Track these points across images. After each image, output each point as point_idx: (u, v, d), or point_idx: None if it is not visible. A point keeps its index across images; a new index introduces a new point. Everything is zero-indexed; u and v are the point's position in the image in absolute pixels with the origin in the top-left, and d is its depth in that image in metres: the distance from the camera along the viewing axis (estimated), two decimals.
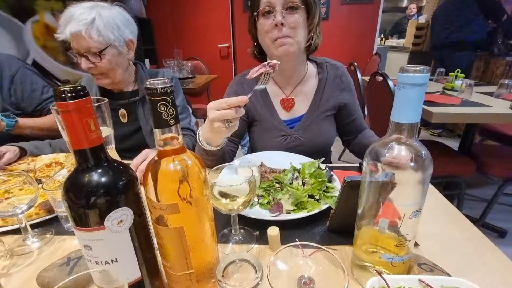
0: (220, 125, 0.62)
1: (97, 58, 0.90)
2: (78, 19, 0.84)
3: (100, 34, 0.87)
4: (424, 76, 0.31)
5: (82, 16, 0.84)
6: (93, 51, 0.89)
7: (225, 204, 0.48)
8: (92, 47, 0.88)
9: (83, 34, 0.85)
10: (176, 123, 0.33)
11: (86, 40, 0.86)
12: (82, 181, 0.32)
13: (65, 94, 0.28)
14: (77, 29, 0.84)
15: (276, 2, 0.76)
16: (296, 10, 0.77)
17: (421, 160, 0.35)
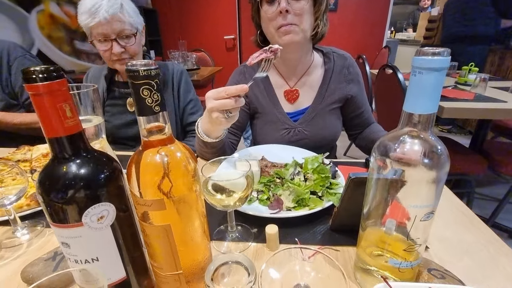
0: (219, 116, 0.58)
1: (130, 40, 0.93)
2: (110, 4, 0.86)
3: (130, 16, 0.92)
4: (444, 59, 0.27)
5: (111, 2, 0.87)
6: (126, 33, 0.91)
7: (220, 200, 0.45)
8: (126, 29, 0.91)
9: (120, 15, 0.88)
10: (162, 110, 0.30)
11: (121, 23, 0.89)
12: (57, 173, 0.29)
13: (36, 75, 0.25)
14: (113, 12, 0.86)
15: None
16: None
17: (437, 157, 0.31)
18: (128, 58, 0.96)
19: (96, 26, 0.87)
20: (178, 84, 1.08)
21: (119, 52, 0.92)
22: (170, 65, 1.09)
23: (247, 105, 0.91)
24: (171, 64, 1.10)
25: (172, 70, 1.08)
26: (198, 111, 1.12)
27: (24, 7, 2.28)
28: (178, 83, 1.08)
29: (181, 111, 1.11)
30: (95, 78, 1.08)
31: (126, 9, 0.91)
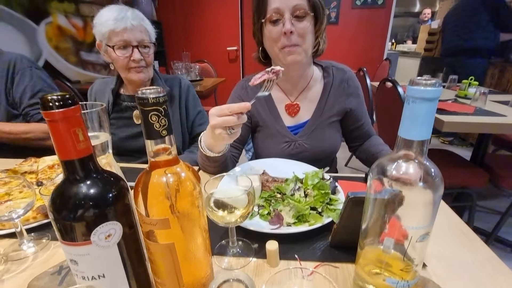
0: (221, 132, 0.60)
1: (148, 50, 1.00)
2: (134, 15, 0.94)
3: (149, 28, 1.00)
4: (436, 90, 0.28)
5: (135, 12, 0.95)
6: (146, 43, 0.98)
7: (222, 217, 0.46)
8: (146, 39, 0.98)
9: (143, 26, 0.96)
10: (169, 134, 0.31)
11: (142, 33, 0.96)
12: (69, 193, 0.30)
13: (52, 103, 0.27)
14: (137, 22, 0.94)
15: (284, 9, 0.74)
16: (304, 17, 0.75)
17: (431, 179, 0.33)
18: (144, 67, 1.01)
19: (121, 33, 0.92)
20: (186, 98, 1.12)
21: (139, 59, 0.97)
22: (177, 79, 1.14)
23: (249, 119, 0.93)
24: (178, 78, 1.15)
25: (179, 84, 1.12)
26: (206, 122, 1.16)
27: (33, 20, 2.35)
28: (186, 97, 1.13)
29: (189, 124, 1.16)
30: (100, 91, 1.12)
31: (147, 22, 1.00)
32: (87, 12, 2.99)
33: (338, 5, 3.54)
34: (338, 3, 3.53)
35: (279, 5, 0.74)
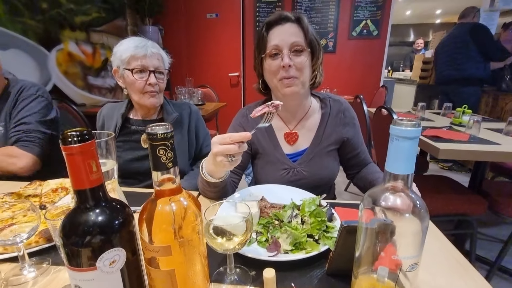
0: (223, 159, 0.63)
1: (163, 77, 1.09)
2: (153, 45, 1.06)
3: (166, 59, 1.11)
4: (416, 130, 0.31)
5: (154, 44, 1.06)
6: (161, 70, 1.07)
7: (221, 244, 0.47)
8: (161, 66, 1.07)
9: (160, 54, 1.07)
10: (174, 166, 0.34)
11: (159, 61, 1.06)
12: (79, 220, 0.33)
13: (71, 138, 0.30)
14: (156, 50, 1.05)
15: (283, 46, 0.80)
16: (302, 52, 0.81)
17: (417, 210, 0.35)
18: (157, 92, 1.09)
19: (140, 58, 1.02)
20: (195, 123, 1.21)
21: (154, 83, 1.05)
22: (186, 105, 1.24)
23: (249, 147, 0.96)
24: (187, 104, 1.25)
25: (189, 110, 1.22)
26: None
27: (46, 47, 2.48)
28: (195, 121, 1.22)
29: (199, 146, 1.24)
30: (108, 115, 1.18)
31: (162, 52, 1.10)
32: (97, 39, 3.15)
33: (335, 35, 3.73)
34: (335, 33, 3.73)
35: (278, 42, 0.81)
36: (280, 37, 0.81)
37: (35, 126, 1.13)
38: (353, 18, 3.65)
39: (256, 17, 3.84)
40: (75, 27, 2.80)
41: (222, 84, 3.99)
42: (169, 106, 1.18)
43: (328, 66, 3.75)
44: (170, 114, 1.15)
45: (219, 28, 3.83)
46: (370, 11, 3.61)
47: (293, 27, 0.82)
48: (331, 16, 3.69)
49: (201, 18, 3.84)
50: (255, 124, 0.96)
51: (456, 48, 2.84)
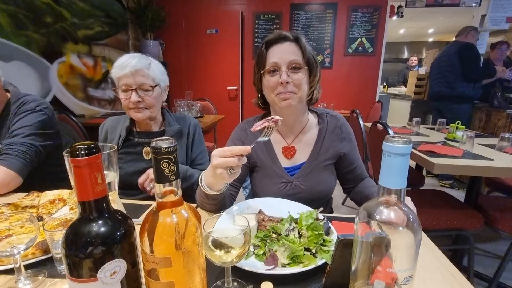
0: (222, 172, 0.65)
1: (148, 93, 1.08)
2: (140, 61, 1.05)
3: (155, 74, 1.09)
4: (406, 147, 0.33)
5: (142, 59, 1.06)
6: (145, 87, 1.07)
7: (219, 256, 0.48)
8: (145, 83, 1.06)
9: (145, 71, 1.05)
10: (176, 179, 0.36)
11: (144, 77, 1.05)
12: (83, 231, 0.33)
13: (79, 152, 0.31)
14: (140, 66, 1.04)
15: (281, 64, 0.84)
16: (299, 70, 0.85)
17: (410, 224, 0.36)
18: (143, 108, 1.09)
19: (122, 77, 1.04)
20: (192, 136, 1.23)
21: (135, 101, 1.06)
22: (188, 118, 1.27)
23: (247, 160, 0.98)
24: (188, 117, 1.28)
25: (189, 123, 1.24)
26: (206, 162, 1.25)
27: (48, 59, 2.52)
28: (193, 134, 1.24)
29: (190, 161, 1.24)
30: (112, 127, 1.21)
31: (153, 68, 1.09)
32: (98, 52, 3.21)
33: (332, 52, 3.84)
34: (331, 50, 3.84)
35: (277, 60, 0.84)
36: (279, 55, 0.84)
37: (19, 138, 1.05)
38: (349, 36, 3.77)
39: (255, 33, 3.96)
40: (77, 41, 2.86)
41: (221, 97, 4.05)
42: (171, 118, 1.21)
43: (325, 81, 3.83)
44: (171, 126, 1.18)
45: (218, 43, 3.93)
46: (365, 29, 3.74)
47: (292, 46, 0.85)
48: (328, 34, 3.81)
49: (201, 33, 3.95)
50: (254, 138, 0.98)
51: (446, 66, 2.93)
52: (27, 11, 2.30)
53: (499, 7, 3.53)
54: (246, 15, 3.93)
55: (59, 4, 2.62)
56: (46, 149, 1.15)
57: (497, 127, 2.82)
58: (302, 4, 3.79)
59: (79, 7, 2.86)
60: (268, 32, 3.93)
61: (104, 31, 3.26)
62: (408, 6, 3.64)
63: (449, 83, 2.90)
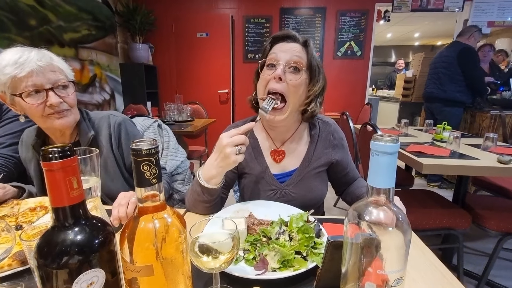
0: (232, 151, 0.69)
1: (68, 90, 0.86)
2: (40, 55, 0.81)
3: (63, 67, 0.87)
4: (394, 145, 0.33)
5: (41, 53, 0.82)
6: (63, 83, 0.84)
7: (206, 263, 0.46)
8: (60, 79, 0.84)
9: (54, 64, 0.83)
10: (158, 182, 0.34)
11: (55, 73, 0.83)
12: (56, 240, 0.31)
13: (52, 154, 0.29)
14: (46, 61, 0.80)
15: (281, 58, 0.79)
16: (298, 72, 0.80)
17: (400, 224, 0.36)
18: (66, 110, 0.87)
19: (26, 77, 0.78)
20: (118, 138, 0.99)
21: (58, 102, 0.83)
22: (105, 118, 1.00)
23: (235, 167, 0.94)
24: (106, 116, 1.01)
25: (107, 122, 0.99)
26: None
27: None
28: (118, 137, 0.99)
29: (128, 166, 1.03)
30: (27, 145, 0.98)
31: (57, 60, 0.86)
32: (85, 56, 3.15)
33: (321, 55, 3.88)
34: (321, 53, 3.88)
35: (277, 53, 0.80)
36: (283, 49, 0.80)
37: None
38: (338, 40, 3.83)
39: (245, 36, 3.97)
40: (64, 44, 2.80)
41: (212, 100, 4.02)
42: (85, 123, 0.96)
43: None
44: (85, 135, 0.93)
45: (209, 46, 3.92)
46: (354, 33, 3.80)
47: (298, 47, 0.81)
48: (317, 37, 3.86)
49: (191, 37, 3.93)
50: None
51: (442, 67, 2.87)
52: (10, 14, 2.24)
53: (480, 12, 3.66)
54: (236, 19, 3.94)
55: (44, 6, 2.56)
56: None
57: (482, 128, 2.90)
58: (291, 8, 3.83)
59: (65, 9, 2.80)
60: (258, 35, 3.95)
61: (91, 34, 3.20)
62: (394, 10, 3.73)
63: (442, 85, 2.86)
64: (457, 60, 2.75)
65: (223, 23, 3.83)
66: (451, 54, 2.81)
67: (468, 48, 2.74)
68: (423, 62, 4.64)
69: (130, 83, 3.71)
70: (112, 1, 3.56)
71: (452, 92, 2.83)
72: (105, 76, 3.51)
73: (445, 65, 2.86)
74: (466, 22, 3.71)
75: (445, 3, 3.64)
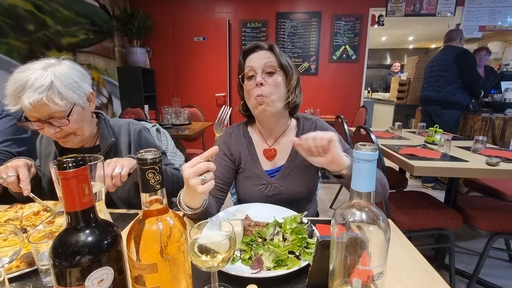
0: (195, 182, 0.63)
1: (63, 122, 0.85)
2: (35, 86, 0.77)
3: (62, 98, 0.81)
4: (373, 154, 0.37)
5: (38, 82, 0.77)
6: (57, 116, 0.83)
7: (205, 262, 0.49)
8: (56, 111, 0.81)
9: (45, 101, 0.78)
10: (162, 188, 0.37)
11: (49, 107, 0.79)
12: (70, 241, 0.35)
13: (66, 164, 0.33)
14: (36, 97, 0.76)
15: (257, 67, 0.89)
16: (273, 74, 0.90)
17: (379, 223, 0.39)
18: (69, 134, 0.89)
19: (27, 110, 0.80)
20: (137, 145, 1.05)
21: (52, 134, 0.85)
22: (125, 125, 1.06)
23: (233, 162, 1.01)
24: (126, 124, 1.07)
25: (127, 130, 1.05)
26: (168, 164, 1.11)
27: None
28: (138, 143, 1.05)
29: None
30: (49, 141, 1.02)
31: (57, 87, 0.80)
32: (83, 60, 3.18)
33: (317, 59, 3.95)
34: (317, 57, 3.94)
35: (252, 64, 0.90)
36: (255, 60, 0.91)
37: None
38: (333, 43, 3.89)
39: (242, 40, 4.02)
40: (61, 48, 2.83)
41: (209, 104, 4.06)
42: (106, 130, 1.01)
43: (311, 87, 3.92)
44: (106, 140, 0.99)
45: (206, 50, 3.97)
46: (348, 37, 3.87)
47: (266, 53, 0.91)
48: (313, 41, 3.92)
49: (188, 41, 3.97)
50: (238, 143, 1.01)
51: (439, 70, 2.93)
52: (8, 19, 2.26)
53: (471, 17, 3.75)
54: (233, 23, 3.99)
55: (42, 11, 2.59)
56: (22, 155, 1.09)
57: (474, 130, 2.96)
58: (287, 12, 3.89)
59: (63, 14, 2.83)
60: (255, 39, 4.00)
61: (89, 39, 3.23)
62: (388, 15, 3.80)
63: (440, 87, 2.91)
64: (455, 63, 2.81)
65: (220, 27, 3.88)
66: (448, 58, 2.87)
67: (464, 51, 2.82)
68: (417, 65, 4.72)
69: (128, 86, 3.74)
70: (110, 6, 3.59)
71: (450, 94, 2.88)
72: (103, 80, 3.53)
73: (442, 68, 2.91)
74: (458, 26, 3.79)
75: (438, 8, 3.73)
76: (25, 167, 0.87)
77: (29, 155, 1.12)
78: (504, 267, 1.90)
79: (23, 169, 0.86)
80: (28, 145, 1.15)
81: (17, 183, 0.84)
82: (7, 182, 0.83)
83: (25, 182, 0.83)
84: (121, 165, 0.83)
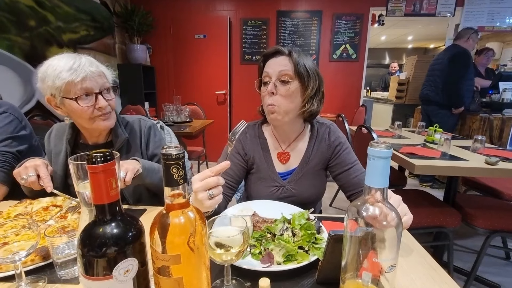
0: (203, 196, 0.62)
1: (111, 94, 0.96)
2: (89, 62, 0.89)
3: (108, 73, 0.97)
4: (387, 151, 0.38)
5: (90, 60, 0.90)
6: (108, 87, 0.94)
7: (220, 255, 0.51)
8: (106, 83, 0.94)
9: (102, 70, 0.94)
10: (185, 182, 0.39)
11: (102, 77, 0.92)
12: (97, 233, 0.36)
13: (95, 159, 0.34)
14: (96, 68, 0.90)
15: (272, 74, 0.89)
16: (288, 83, 0.88)
17: (392, 219, 0.41)
18: (109, 112, 0.96)
19: (80, 82, 0.86)
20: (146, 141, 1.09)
21: (105, 105, 0.92)
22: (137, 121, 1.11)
23: (245, 162, 1.02)
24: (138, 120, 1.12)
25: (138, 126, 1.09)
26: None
27: (32, 63, 2.46)
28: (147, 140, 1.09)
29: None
30: (59, 138, 1.05)
31: (103, 67, 0.96)
32: None
33: (318, 58, 3.96)
34: (317, 56, 3.96)
35: (269, 70, 0.90)
36: (271, 66, 0.90)
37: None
38: (333, 42, 3.90)
39: (243, 38, 4.02)
40: (62, 44, 2.81)
41: (209, 101, 4.06)
42: (121, 127, 1.04)
43: None
44: (119, 136, 1.02)
45: (206, 48, 3.96)
46: (349, 36, 3.88)
47: (285, 60, 0.89)
48: (313, 40, 3.93)
49: (189, 38, 3.96)
50: (253, 144, 1.02)
51: (437, 70, 2.94)
52: (9, 14, 2.25)
53: (471, 17, 3.77)
54: (233, 21, 3.99)
55: (43, 7, 2.57)
56: (23, 153, 1.08)
57: (472, 130, 3.00)
58: (288, 11, 3.89)
59: (64, 10, 2.81)
60: (255, 37, 4.00)
61: (90, 35, 3.21)
62: (388, 15, 3.82)
63: (437, 88, 2.92)
64: (448, 63, 2.80)
65: (220, 25, 3.88)
66: (445, 58, 2.86)
67: (461, 52, 2.76)
68: (416, 65, 4.75)
69: (128, 83, 3.73)
70: (110, 2, 3.58)
71: (445, 95, 2.89)
72: None
73: (439, 67, 2.92)
74: (457, 26, 3.82)
75: (437, 8, 3.75)
76: (44, 165, 0.90)
77: (32, 153, 1.12)
78: (501, 265, 1.93)
79: (42, 167, 0.88)
80: (29, 141, 1.14)
81: (38, 182, 0.87)
82: (28, 182, 0.86)
83: (46, 180, 0.86)
84: (125, 169, 0.84)
